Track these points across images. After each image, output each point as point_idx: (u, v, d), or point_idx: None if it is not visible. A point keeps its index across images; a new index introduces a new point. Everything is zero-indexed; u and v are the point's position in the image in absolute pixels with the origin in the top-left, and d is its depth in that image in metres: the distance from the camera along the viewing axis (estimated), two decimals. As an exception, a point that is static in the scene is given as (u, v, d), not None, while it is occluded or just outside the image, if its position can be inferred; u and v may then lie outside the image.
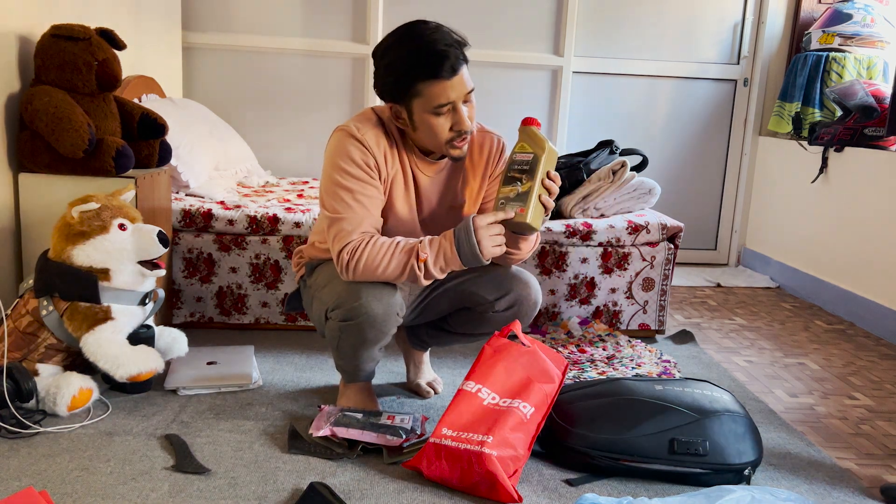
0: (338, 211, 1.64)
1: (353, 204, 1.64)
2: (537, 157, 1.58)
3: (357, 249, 1.60)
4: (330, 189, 1.66)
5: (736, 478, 1.59)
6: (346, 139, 1.65)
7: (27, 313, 1.81)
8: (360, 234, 1.62)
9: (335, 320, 1.69)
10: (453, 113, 1.61)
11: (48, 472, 1.52)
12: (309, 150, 3.73)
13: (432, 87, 1.57)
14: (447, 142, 1.65)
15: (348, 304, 1.65)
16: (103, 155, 1.99)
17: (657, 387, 1.68)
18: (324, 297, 1.72)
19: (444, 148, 1.67)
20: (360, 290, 1.65)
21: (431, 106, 1.59)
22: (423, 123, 1.63)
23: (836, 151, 3.20)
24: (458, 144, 1.66)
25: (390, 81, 1.62)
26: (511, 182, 1.59)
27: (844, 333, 2.87)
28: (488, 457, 1.48)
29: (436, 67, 1.55)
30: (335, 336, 1.72)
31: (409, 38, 1.61)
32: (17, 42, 2.05)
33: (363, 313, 1.64)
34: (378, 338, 1.70)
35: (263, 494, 1.48)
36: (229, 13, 3.56)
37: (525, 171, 1.57)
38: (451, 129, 1.63)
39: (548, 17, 3.71)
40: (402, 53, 1.60)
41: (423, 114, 1.61)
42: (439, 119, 1.61)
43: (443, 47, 1.56)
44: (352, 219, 1.63)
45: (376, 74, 1.67)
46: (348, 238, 1.62)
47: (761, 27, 3.82)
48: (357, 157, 1.64)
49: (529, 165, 1.57)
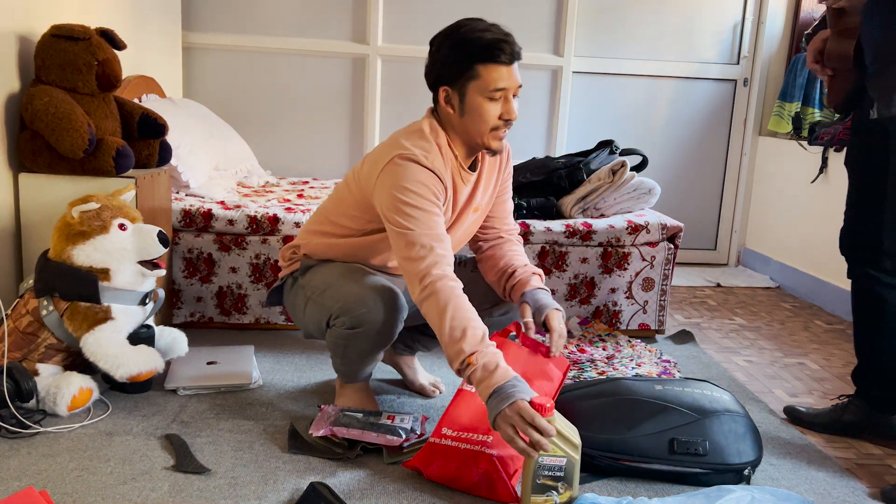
0: (407, 226, 1.57)
1: (422, 218, 1.58)
2: (573, 463, 1.41)
3: (435, 285, 1.52)
4: (397, 208, 1.59)
5: (736, 478, 1.59)
6: (416, 168, 1.61)
7: (27, 313, 1.81)
8: (439, 258, 1.55)
9: (340, 328, 1.68)
10: (504, 101, 1.64)
11: (48, 472, 1.52)
12: (309, 151, 3.73)
13: (491, 70, 1.61)
14: (492, 129, 1.66)
15: (355, 312, 1.64)
16: (103, 155, 1.99)
17: (657, 387, 1.69)
18: (326, 303, 1.71)
19: (487, 137, 1.68)
20: (366, 296, 1.64)
21: (487, 89, 1.62)
22: (475, 108, 1.64)
23: (836, 151, 3.20)
24: (500, 134, 1.68)
25: (451, 62, 1.64)
26: (543, 490, 1.41)
27: (844, 333, 2.87)
28: (488, 456, 1.48)
29: (496, 52, 1.60)
30: (341, 344, 1.72)
31: (470, 26, 1.66)
32: (17, 42, 2.05)
33: (371, 320, 1.64)
34: (385, 343, 1.71)
35: (263, 494, 1.48)
36: (229, 13, 3.56)
37: (560, 479, 1.41)
38: (499, 118, 1.65)
39: (548, 17, 3.71)
40: (465, 37, 1.64)
41: (477, 97, 1.63)
42: (491, 104, 1.64)
43: (502, 36, 1.62)
44: (425, 234, 1.57)
45: (433, 59, 1.69)
46: (429, 263, 1.54)
47: (761, 27, 3.82)
48: (430, 183, 1.62)
49: (564, 471, 1.40)
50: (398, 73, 3.66)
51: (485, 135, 1.67)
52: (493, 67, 1.61)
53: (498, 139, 1.69)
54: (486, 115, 1.64)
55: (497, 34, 1.62)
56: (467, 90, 1.64)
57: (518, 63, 1.66)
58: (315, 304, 1.74)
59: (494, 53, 1.60)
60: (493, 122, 1.65)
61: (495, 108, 1.64)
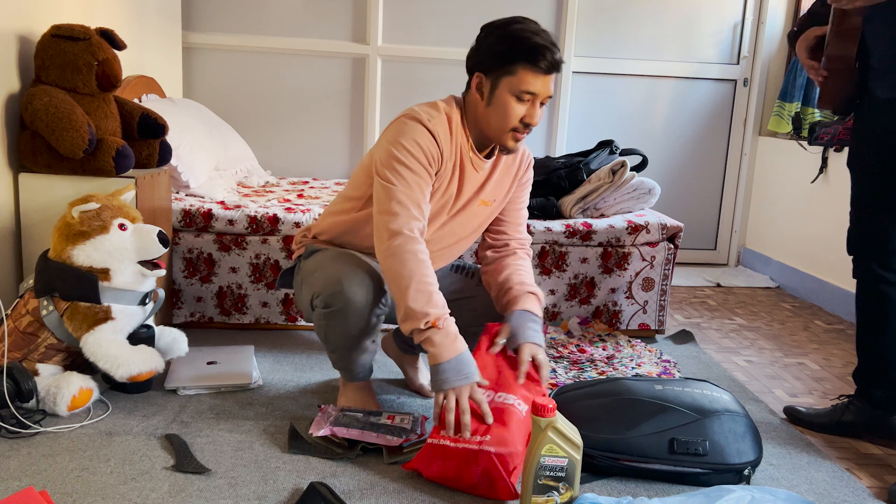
0: (392, 181, 1.63)
1: (409, 179, 1.63)
2: (574, 463, 1.41)
3: (405, 246, 1.58)
4: (388, 162, 1.64)
5: (736, 477, 1.59)
6: (417, 126, 1.65)
7: (27, 313, 1.81)
8: (413, 220, 1.61)
9: (319, 308, 1.70)
10: (531, 105, 1.66)
11: (48, 472, 1.52)
12: (309, 151, 3.73)
13: (527, 72, 1.62)
14: (511, 129, 1.67)
15: (329, 290, 1.66)
16: (103, 155, 1.99)
17: (657, 387, 1.69)
18: (312, 283, 1.73)
19: (505, 135, 1.69)
20: (342, 276, 1.66)
21: (518, 89, 1.63)
22: (501, 103, 1.65)
23: (836, 151, 3.20)
24: (518, 136, 1.70)
25: (494, 53, 1.65)
26: (544, 490, 1.41)
27: (844, 333, 2.87)
28: (487, 454, 1.48)
29: (539, 56, 1.62)
30: (322, 326, 1.73)
31: (523, 25, 1.68)
32: (17, 42, 2.05)
33: (344, 300, 1.65)
34: (362, 326, 1.70)
35: (263, 494, 1.48)
36: (229, 13, 3.56)
37: (561, 479, 1.40)
38: (521, 120, 1.66)
39: (548, 17, 3.71)
40: (515, 34, 1.65)
41: (507, 93, 1.64)
42: (518, 104, 1.65)
43: (549, 44, 1.64)
44: (407, 193, 1.62)
45: (479, 46, 1.70)
46: (402, 221, 1.60)
47: (761, 27, 3.82)
48: (424, 144, 1.65)
49: (565, 472, 1.40)
50: (398, 73, 3.66)
51: (503, 132, 1.68)
52: (531, 70, 1.62)
53: (515, 140, 1.70)
54: (511, 113, 1.65)
55: (545, 41, 1.64)
56: (500, 83, 1.65)
57: (555, 75, 1.67)
58: (306, 284, 1.77)
59: (537, 57, 1.61)
60: (513, 122, 1.66)
61: (520, 108, 1.65)
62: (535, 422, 1.38)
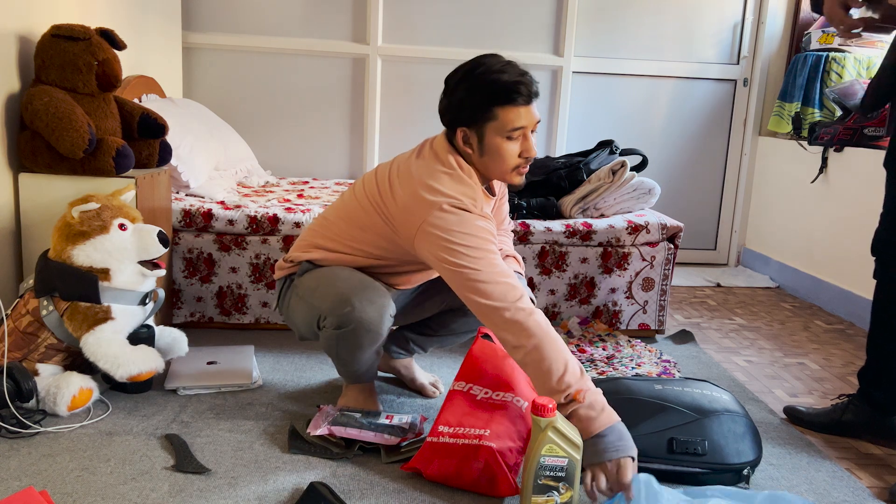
0: (473, 267, 1.52)
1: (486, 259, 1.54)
2: (574, 463, 1.40)
3: (538, 316, 1.49)
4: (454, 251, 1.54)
5: (735, 477, 1.60)
6: (469, 216, 1.58)
7: (27, 313, 1.81)
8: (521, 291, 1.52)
9: (329, 329, 1.68)
10: (524, 139, 1.64)
11: (48, 472, 1.52)
12: (309, 151, 3.73)
13: (509, 112, 1.60)
14: (514, 168, 1.66)
15: (340, 311, 1.64)
16: (103, 155, 1.99)
17: (657, 386, 1.69)
18: (315, 304, 1.70)
19: (509, 174, 1.68)
20: (351, 295, 1.64)
21: (505, 130, 1.61)
22: (494, 149, 1.64)
23: (836, 151, 3.20)
24: (522, 171, 1.68)
25: (468, 106, 1.63)
26: (544, 490, 1.40)
27: (844, 333, 2.87)
28: (488, 449, 1.48)
29: (513, 94, 1.59)
30: (332, 345, 1.72)
31: (486, 68, 1.63)
32: (17, 42, 2.05)
33: (356, 319, 1.64)
34: (375, 341, 1.70)
35: (263, 494, 1.48)
36: (229, 13, 3.56)
37: (561, 479, 1.40)
38: (519, 156, 1.65)
39: (548, 17, 3.71)
40: (482, 79, 1.62)
41: (496, 138, 1.63)
42: (510, 144, 1.63)
43: (518, 77, 1.61)
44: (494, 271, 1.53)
45: (449, 102, 1.67)
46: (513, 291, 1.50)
47: (761, 27, 3.82)
48: (487, 227, 1.60)
49: (565, 471, 1.40)
50: (398, 73, 3.66)
51: (506, 173, 1.68)
52: (510, 109, 1.60)
53: (520, 175, 1.69)
54: (506, 155, 1.64)
55: (513, 75, 1.60)
56: (486, 132, 1.63)
57: (536, 101, 1.64)
58: (306, 304, 1.74)
59: (511, 96, 1.59)
60: (513, 162, 1.65)
61: (514, 147, 1.64)
62: (535, 422, 1.38)
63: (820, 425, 1.93)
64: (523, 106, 1.61)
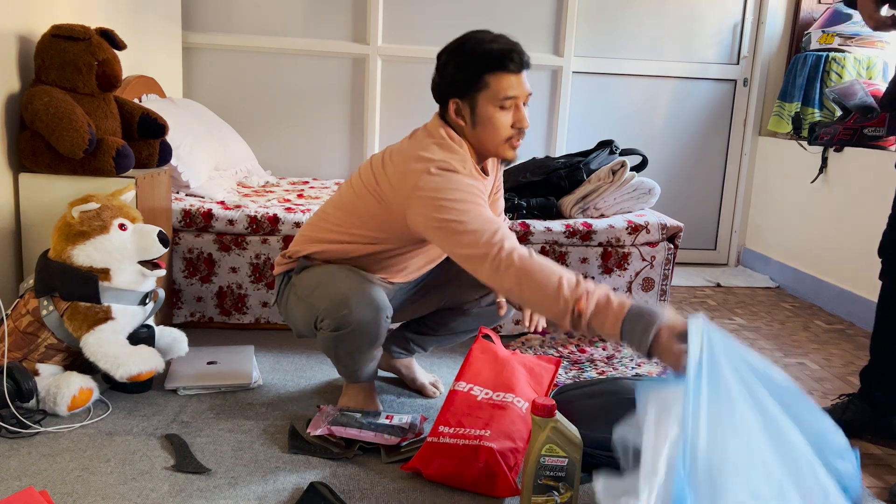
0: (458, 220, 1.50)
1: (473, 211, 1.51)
2: (574, 463, 1.40)
3: (517, 252, 1.45)
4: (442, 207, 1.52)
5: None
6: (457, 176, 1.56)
7: (27, 313, 1.81)
8: (506, 232, 1.49)
9: (326, 331, 1.68)
10: (516, 110, 1.64)
11: (48, 472, 1.52)
12: (309, 151, 3.73)
13: (500, 79, 1.61)
14: (507, 139, 1.66)
15: (336, 314, 1.64)
16: (103, 155, 1.99)
17: (657, 386, 1.68)
18: (313, 304, 1.70)
19: (502, 146, 1.67)
20: (349, 297, 1.63)
21: (498, 99, 1.62)
22: (486, 119, 1.64)
23: (836, 151, 3.20)
24: (515, 143, 1.68)
25: (460, 77, 1.64)
26: (544, 491, 1.40)
27: (844, 333, 2.87)
28: (488, 449, 1.48)
29: (505, 61, 1.61)
30: (330, 346, 1.72)
31: (477, 38, 1.65)
32: (17, 42, 2.05)
33: (353, 321, 1.64)
34: (372, 342, 1.70)
35: (263, 494, 1.48)
36: (229, 13, 3.56)
37: (561, 479, 1.40)
38: (512, 126, 1.64)
39: (548, 17, 3.71)
40: (473, 49, 1.63)
41: (488, 107, 1.63)
42: (503, 114, 1.63)
43: (509, 46, 1.62)
44: (480, 218, 1.49)
45: (441, 73, 1.68)
46: (498, 229, 1.47)
47: (761, 27, 3.82)
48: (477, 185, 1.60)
49: (565, 472, 1.40)
50: (398, 73, 3.66)
51: (500, 145, 1.67)
52: (502, 76, 1.61)
53: (513, 148, 1.68)
54: (499, 124, 1.63)
55: (504, 44, 1.62)
56: (478, 101, 1.63)
57: (527, 72, 1.65)
58: (304, 303, 1.73)
59: (503, 62, 1.60)
60: (506, 132, 1.65)
61: (507, 117, 1.63)
62: (535, 422, 1.38)
63: None
64: (515, 74, 1.62)
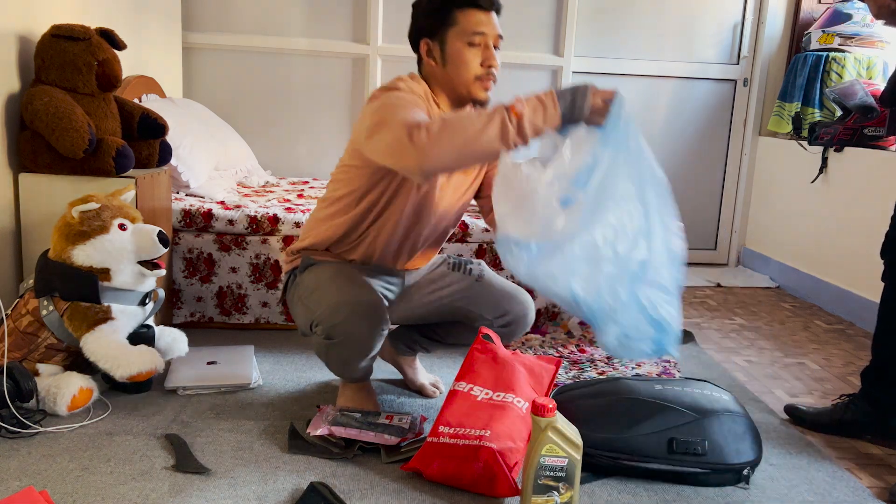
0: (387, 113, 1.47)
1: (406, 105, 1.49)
2: (574, 463, 1.40)
3: (432, 121, 1.39)
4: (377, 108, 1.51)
5: (734, 477, 1.59)
6: (398, 93, 1.57)
7: (27, 313, 1.81)
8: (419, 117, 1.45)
9: (319, 336, 1.67)
10: (485, 49, 1.64)
11: (48, 472, 1.52)
12: (309, 151, 3.73)
13: (469, 15, 1.62)
14: (476, 77, 1.65)
15: (330, 322, 1.62)
16: (103, 155, 1.99)
17: (657, 386, 1.69)
18: (311, 306, 1.69)
19: (473, 85, 1.66)
20: (345, 306, 1.61)
21: (467, 34, 1.62)
22: (455, 55, 1.64)
23: (836, 151, 3.19)
24: (485, 84, 1.67)
25: (430, 14, 1.66)
26: (544, 490, 1.40)
27: (844, 333, 2.87)
28: (488, 449, 1.48)
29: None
30: (321, 351, 1.71)
31: None
32: (17, 42, 2.05)
33: (346, 332, 1.62)
34: (365, 354, 1.69)
35: (263, 494, 1.48)
36: (229, 13, 3.56)
37: (561, 479, 1.40)
38: (481, 65, 1.64)
39: (548, 17, 3.71)
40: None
41: (457, 43, 1.63)
42: (472, 51, 1.63)
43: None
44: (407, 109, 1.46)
45: (414, 15, 1.71)
46: (416, 116, 1.43)
47: (761, 27, 3.82)
48: (418, 93, 1.63)
49: (565, 472, 1.39)
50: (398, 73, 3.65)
51: (470, 84, 1.66)
52: (471, 12, 1.62)
53: (484, 89, 1.67)
54: (468, 61, 1.63)
55: None
56: (447, 38, 1.64)
57: (497, 17, 1.66)
58: (303, 304, 1.73)
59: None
60: (475, 70, 1.65)
61: (476, 54, 1.64)
62: (535, 422, 1.38)
63: (820, 424, 1.93)
64: (484, 12, 1.63)
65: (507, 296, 1.87)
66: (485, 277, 1.90)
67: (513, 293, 1.88)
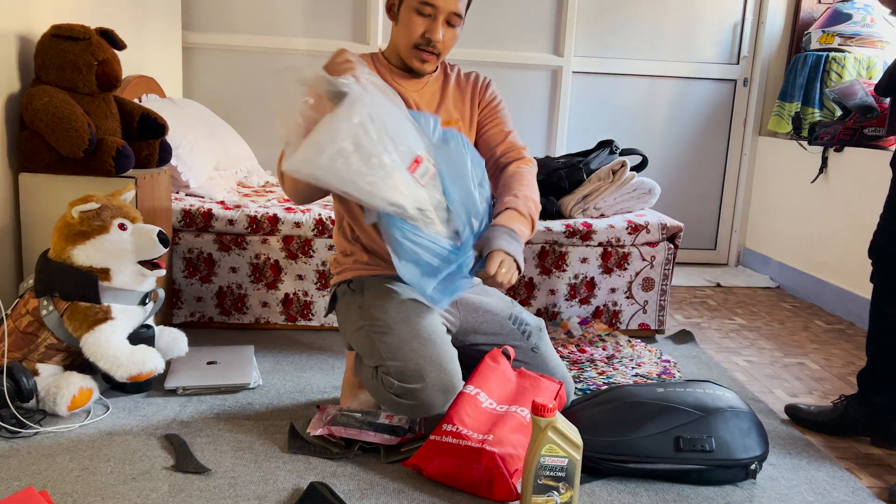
0: None
1: None
2: (574, 463, 1.39)
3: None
4: None
5: (742, 472, 1.60)
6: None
7: (27, 313, 1.81)
8: None
9: (387, 388, 1.60)
10: (432, 21, 1.66)
11: (48, 472, 1.52)
12: (309, 150, 3.73)
13: None
14: (414, 45, 1.69)
15: (408, 384, 1.57)
16: (103, 155, 1.99)
17: (659, 389, 1.69)
18: (381, 349, 1.62)
19: (409, 52, 1.70)
20: (426, 373, 1.56)
21: (419, 1, 1.64)
22: (404, 19, 1.68)
23: (836, 151, 3.20)
24: (423, 56, 1.70)
25: None
26: (545, 490, 1.40)
27: (844, 333, 2.87)
28: (490, 453, 1.48)
29: None
30: (380, 397, 1.65)
31: None
32: (17, 42, 2.05)
33: (421, 399, 1.56)
34: (430, 413, 1.63)
35: (263, 494, 1.48)
36: (229, 13, 3.56)
37: (561, 479, 1.39)
38: (422, 35, 1.67)
39: (548, 17, 3.71)
40: None
41: (408, 10, 1.67)
42: (417, 18, 1.66)
43: None
44: None
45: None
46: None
47: (761, 27, 3.82)
48: None
49: (566, 472, 1.39)
50: (398, 73, 3.66)
51: (407, 48, 1.70)
52: None
53: (419, 60, 1.70)
54: (411, 27, 1.66)
55: None
56: (404, 1, 1.68)
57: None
58: (368, 338, 1.67)
59: None
60: (414, 38, 1.67)
61: (420, 23, 1.66)
62: (535, 422, 1.38)
63: (820, 424, 1.93)
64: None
65: (556, 375, 1.81)
66: (540, 350, 1.82)
67: (563, 375, 1.82)
